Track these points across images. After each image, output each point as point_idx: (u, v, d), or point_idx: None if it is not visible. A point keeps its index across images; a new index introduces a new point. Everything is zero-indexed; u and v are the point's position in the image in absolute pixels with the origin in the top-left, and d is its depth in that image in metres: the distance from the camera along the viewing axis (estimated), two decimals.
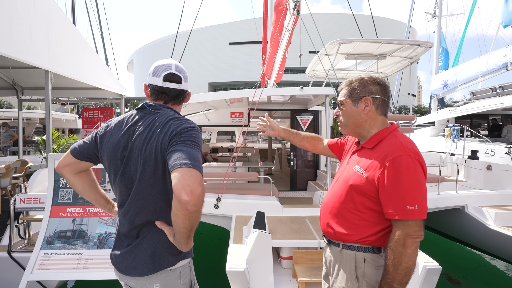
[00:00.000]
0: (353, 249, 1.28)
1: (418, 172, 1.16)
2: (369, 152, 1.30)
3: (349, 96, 1.36)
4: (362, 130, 1.36)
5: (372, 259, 1.25)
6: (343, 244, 1.31)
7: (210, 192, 4.18)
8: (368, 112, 1.32)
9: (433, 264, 2.45)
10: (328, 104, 4.45)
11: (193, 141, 1.09)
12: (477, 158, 5.64)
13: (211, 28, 56.43)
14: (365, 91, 1.33)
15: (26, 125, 11.57)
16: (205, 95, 4.88)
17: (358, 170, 1.29)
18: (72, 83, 5.08)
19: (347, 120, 1.38)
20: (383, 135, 1.30)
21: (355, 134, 1.42)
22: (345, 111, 1.38)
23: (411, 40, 5.26)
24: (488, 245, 4.05)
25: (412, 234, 1.12)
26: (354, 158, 1.37)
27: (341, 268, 1.31)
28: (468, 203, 4.27)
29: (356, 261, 1.27)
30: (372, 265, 1.25)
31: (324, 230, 1.41)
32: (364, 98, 1.32)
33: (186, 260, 1.22)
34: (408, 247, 1.11)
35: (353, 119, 1.36)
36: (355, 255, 1.27)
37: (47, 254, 2.40)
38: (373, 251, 1.26)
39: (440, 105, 12.78)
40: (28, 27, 3.45)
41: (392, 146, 1.22)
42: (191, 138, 1.09)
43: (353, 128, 1.38)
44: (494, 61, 8.76)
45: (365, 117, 1.33)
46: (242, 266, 2.48)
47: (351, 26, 12.45)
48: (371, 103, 1.32)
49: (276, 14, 5.26)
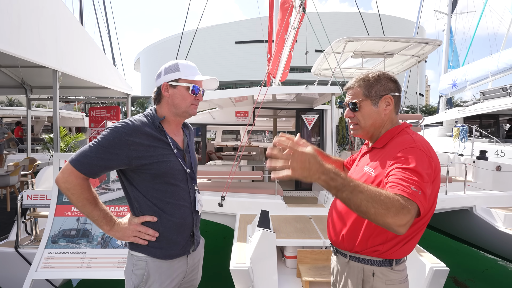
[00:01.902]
0: (361, 262, 1.18)
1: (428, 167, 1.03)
2: (380, 151, 1.22)
3: (367, 95, 1.22)
4: (377, 130, 1.25)
5: (382, 273, 1.15)
6: (351, 255, 1.22)
7: (214, 190, 4.19)
8: (388, 112, 1.22)
9: (440, 266, 2.40)
10: (334, 103, 4.41)
11: (98, 138, 1.16)
12: (486, 158, 5.54)
13: (217, 27, 56.60)
14: (385, 89, 1.21)
15: (35, 123, 11.75)
16: (210, 93, 4.88)
17: (367, 171, 1.21)
18: (79, 82, 5.14)
19: (366, 122, 1.24)
20: (394, 133, 1.21)
21: (368, 137, 1.30)
22: (363, 112, 1.23)
23: (419, 38, 5.19)
24: (497, 247, 3.97)
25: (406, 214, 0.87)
26: (364, 160, 1.29)
27: (348, 279, 1.22)
28: (476, 204, 4.20)
29: (364, 275, 1.17)
30: (382, 279, 1.15)
31: (331, 238, 1.32)
32: (384, 96, 1.20)
33: (140, 254, 1.25)
34: (393, 213, 0.85)
35: (373, 120, 1.23)
36: (363, 268, 1.18)
37: (51, 253, 2.41)
38: (383, 264, 1.15)
39: (448, 105, 12.58)
40: (37, 27, 3.49)
41: (404, 141, 1.12)
42: (99, 135, 1.18)
43: (372, 130, 1.25)
44: (505, 60, 8.57)
45: (385, 117, 1.22)
46: (246, 264, 2.48)
47: (359, 25, 12.34)
48: (392, 102, 1.21)
49: (282, 12, 5.23)
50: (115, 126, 1.18)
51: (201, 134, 6.34)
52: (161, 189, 1.24)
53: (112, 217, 1.25)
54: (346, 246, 1.22)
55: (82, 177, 1.15)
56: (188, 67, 1.31)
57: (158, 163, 1.21)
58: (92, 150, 1.14)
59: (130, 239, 1.24)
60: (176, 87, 1.28)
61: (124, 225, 1.24)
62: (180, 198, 1.28)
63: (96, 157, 1.13)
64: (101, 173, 1.18)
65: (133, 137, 1.17)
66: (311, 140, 6.13)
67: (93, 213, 1.19)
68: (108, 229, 1.22)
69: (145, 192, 1.23)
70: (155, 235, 1.24)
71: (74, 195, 1.16)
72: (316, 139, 6.15)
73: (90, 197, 1.19)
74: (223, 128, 11.76)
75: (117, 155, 1.15)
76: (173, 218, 1.26)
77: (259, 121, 9.46)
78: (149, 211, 1.24)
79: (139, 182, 1.23)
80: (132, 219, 1.25)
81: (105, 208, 1.24)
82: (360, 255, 1.18)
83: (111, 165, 1.17)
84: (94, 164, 1.14)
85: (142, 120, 1.23)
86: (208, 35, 53.50)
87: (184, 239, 1.30)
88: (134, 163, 1.18)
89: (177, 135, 1.36)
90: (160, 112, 1.31)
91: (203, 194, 4.15)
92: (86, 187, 1.18)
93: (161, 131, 1.26)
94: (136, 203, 1.25)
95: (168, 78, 1.28)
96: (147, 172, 1.21)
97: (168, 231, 1.25)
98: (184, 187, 1.30)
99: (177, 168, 1.27)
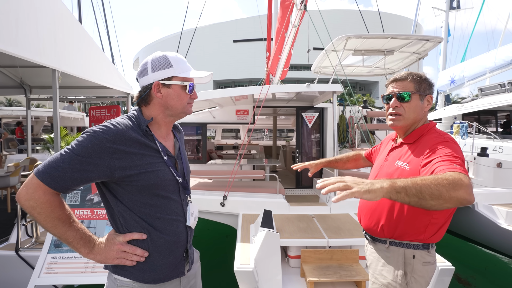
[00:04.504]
0: (401, 246, 1.30)
1: (461, 153, 1.16)
2: (411, 146, 1.32)
3: (418, 90, 1.34)
4: (413, 125, 1.38)
5: (421, 255, 1.28)
6: (390, 241, 1.33)
7: (216, 190, 4.18)
8: (427, 110, 1.37)
9: (445, 265, 2.41)
10: (335, 101, 4.39)
11: (72, 145, 0.97)
12: (487, 155, 5.54)
13: (215, 25, 56.39)
14: (430, 89, 1.36)
15: (35, 123, 11.68)
16: (210, 92, 4.86)
17: (401, 165, 1.30)
18: (79, 82, 5.10)
19: (410, 114, 1.35)
20: (424, 130, 1.34)
21: (405, 129, 1.40)
22: (411, 105, 1.34)
23: (420, 35, 5.16)
24: (499, 244, 3.98)
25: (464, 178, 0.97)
26: (394, 155, 1.39)
27: (388, 264, 1.33)
28: (478, 201, 4.20)
29: (405, 257, 1.29)
30: (420, 261, 1.27)
31: (369, 228, 1.41)
32: (428, 95, 1.36)
33: (125, 279, 1.07)
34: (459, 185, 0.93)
35: (416, 114, 1.35)
36: (404, 251, 1.29)
37: (54, 258, 2.38)
38: (422, 248, 1.28)
39: (446, 102, 12.59)
40: (35, 26, 3.45)
41: (436, 137, 1.25)
42: (73, 142, 0.99)
43: (411, 123, 1.37)
44: (503, 57, 8.56)
45: (424, 114, 1.36)
46: (250, 266, 2.47)
47: (357, 23, 12.31)
48: (431, 102, 1.37)
49: (282, 10, 5.20)
50: (94, 130, 0.98)
51: (202, 133, 6.32)
52: (150, 203, 1.07)
53: (91, 237, 1.06)
54: (386, 234, 1.33)
55: (52, 193, 0.95)
56: (180, 62, 1.14)
57: (145, 174, 1.04)
58: (65, 160, 0.94)
59: (115, 262, 1.05)
60: (171, 87, 1.12)
61: (106, 245, 1.05)
62: (172, 212, 1.12)
63: (70, 168, 0.93)
64: (75, 187, 0.98)
65: (116, 143, 0.98)
66: (311, 138, 6.13)
67: (67, 235, 0.99)
68: (87, 252, 1.03)
69: (131, 206, 1.06)
70: (144, 255, 1.07)
71: (42, 214, 0.95)
72: (315, 136, 6.14)
73: (62, 215, 0.98)
74: (223, 127, 11.73)
75: (97, 165, 0.96)
76: (164, 235, 1.09)
77: (258, 119, 9.44)
78: (137, 227, 1.06)
79: (124, 196, 1.05)
80: (115, 238, 1.06)
81: (81, 226, 1.04)
82: (400, 241, 1.30)
83: (89, 178, 0.97)
84: (68, 177, 0.94)
85: (126, 124, 1.05)
86: (207, 34, 53.29)
87: (177, 258, 1.13)
88: (118, 174, 1.00)
89: (167, 140, 1.20)
90: (147, 113, 1.14)
91: (205, 194, 4.14)
92: (57, 204, 0.97)
93: (149, 136, 1.10)
94: (121, 218, 1.07)
95: (159, 76, 1.10)
96: (133, 184, 1.03)
97: (159, 251, 1.08)
98: (176, 199, 1.14)
99: (168, 178, 1.10)
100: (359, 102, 9.75)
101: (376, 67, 6.86)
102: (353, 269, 2.78)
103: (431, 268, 1.30)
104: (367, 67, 6.87)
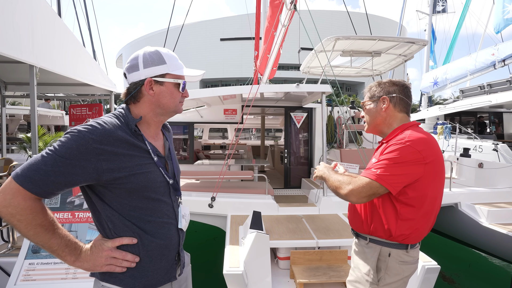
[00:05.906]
0: (379, 244, 1.38)
1: (404, 155, 1.28)
2: (383, 146, 1.46)
3: (371, 97, 1.54)
4: (383, 128, 1.52)
5: (398, 254, 1.35)
6: (370, 238, 1.42)
7: (204, 191, 4.10)
8: (386, 110, 1.48)
9: (431, 264, 2.44)
10: (324, 101, 4.39)
11: (54, 146, 0.90)
12: (469, 156, 5.71)
13: (202, 23, 55.72)
14: (383, 92, 1.50)
15: (10, 121, 11.13)
16: (199, 91, 4.76)
17: (372, 161, 1.45)
18: (58, 79, 4.87)
19: (369, 118, 1.56)
20: (396, 131, 1.44)
21: (377, 132, 1.57)
22: (368, 111, 1.55)
23: (406, 38, 5.25)
24: (481, 243, 4.10)
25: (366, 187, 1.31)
26: (376, 154, 1.51)
27: (364, 258, 1.42)
28: (461, 200, 4.31)
29: (380, 254, 1.37)
30: (396, 260, 1.35)
31: (352, 222, 1.55)
32: (382, 97, 1.49)
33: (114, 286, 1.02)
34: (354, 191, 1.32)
35: (374, 116, 1.53)
36: (380, 249, 1.38)
37: (32, 264, 2.24)
38: (399, 247, 1.35)
39: (428, 103, 12.97)
40: (11, 19, 3.25)
41: (396, 141, 1.35)
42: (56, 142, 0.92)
43: (374, 126, 1.55)
44: (483, 60, 8.90)
45: (384, 114, 1.49)
46: (240, 268, 2.43)
47: (343, 24, 12.47)
48: (388, 101, 1.47)
49: (272, 9, 5.16)
50: (78, 130, 0.91)
51: (189, 133, 6.21)
52: (140, 206, 1.02)
53: (77, 244, 0.99)
54: (366, 229, 1.43)
55: (33, 198, 0.87)
56: (173, 58, 1.10)
57: (135, 176, 0.99)
58: (47, 162, 0.86)
59: (104, 269, 0.99)
60: (164, 84, 1.07)
61: (94, 252, 0.99)
62: (163, 215, 1.07)
63: (52, 171, 0.86)
64: (59, 192, 0.91)
65: (104, 144, 0.92)
66: (299, 138, 6.13)
67: (51, 242, 0.92)
68: (73, 260, 0.96)
69: (120, 210, 1.00)
70: (135, 260, 1.01)
71: (23, 222, 0.87)
72: (303, 136, 6.15)
73: (45, 222, 0.90)
74: (210, 126, 11.60)
75: (83, 168, 0.89)
76: (156, 239, 1.04)
77: (247, 118, 9.39)
78: (127, 231, 1.01)
79: (112, 199, 0.99)
80: (103, 243, 1.00)
81: (66, 233, 0.97)
82: (379, 239, 1.39)
83: (74, 181, 0.90)
84: (51, 181, 0.86)
85: (113, 123, 0.99)
86: (193, 32, 52.55)
87: (169, 262, 1.09)
88: (105, 177, 0.94)
89: (157, 139, 1.15)
90: (136, 112, 1.08)
91: (192, 195, 4.05)
92: (39, 210, 0.89)
93: (138, 136, 1.04)
94: (109, 223, 1.01)
95: (152, 72, 1.05)
96: (122, 187, 0.98)
97: (150, 255, 1.04)
98: (167, 201, 1.09)
99: (158, 179, 1.06)
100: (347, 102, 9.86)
101: (364, 68, 6.94)
102: (342, 269, 2.78)
103: (408, 267, 1.37)
104: (355, 68, 6.94)
